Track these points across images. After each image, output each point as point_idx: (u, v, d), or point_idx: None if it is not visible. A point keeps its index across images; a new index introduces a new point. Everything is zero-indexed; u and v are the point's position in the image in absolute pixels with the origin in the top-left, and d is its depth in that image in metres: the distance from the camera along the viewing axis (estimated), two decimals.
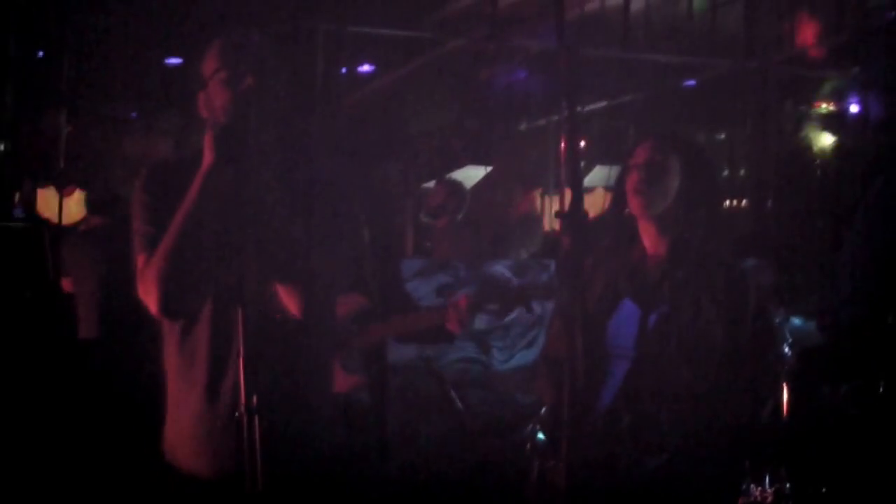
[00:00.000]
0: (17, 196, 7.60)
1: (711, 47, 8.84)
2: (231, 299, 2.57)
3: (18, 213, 6.90)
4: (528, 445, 5.08)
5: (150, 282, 2.74)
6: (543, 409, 4.82)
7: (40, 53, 8.64)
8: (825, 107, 9.26)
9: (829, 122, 9.35)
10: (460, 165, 10.47)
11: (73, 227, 6.48)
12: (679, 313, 3.18)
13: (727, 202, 9.15)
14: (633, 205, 3.33)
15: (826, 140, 9.31)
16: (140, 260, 2.84)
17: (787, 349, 4.67)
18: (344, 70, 8.47)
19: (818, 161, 9.26)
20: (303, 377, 2.86)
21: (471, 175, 10.04)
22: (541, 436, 4.89)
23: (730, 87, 9.30)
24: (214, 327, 2.78)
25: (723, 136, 9.98)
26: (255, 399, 2.51)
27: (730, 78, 9.17)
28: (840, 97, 9.31)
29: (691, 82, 9.82)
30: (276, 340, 2.78)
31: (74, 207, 7.15)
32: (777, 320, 4.68)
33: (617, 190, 3.42)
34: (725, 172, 9.58)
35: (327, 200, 2.95)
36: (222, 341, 2.74)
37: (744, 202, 9.27)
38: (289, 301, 2.80)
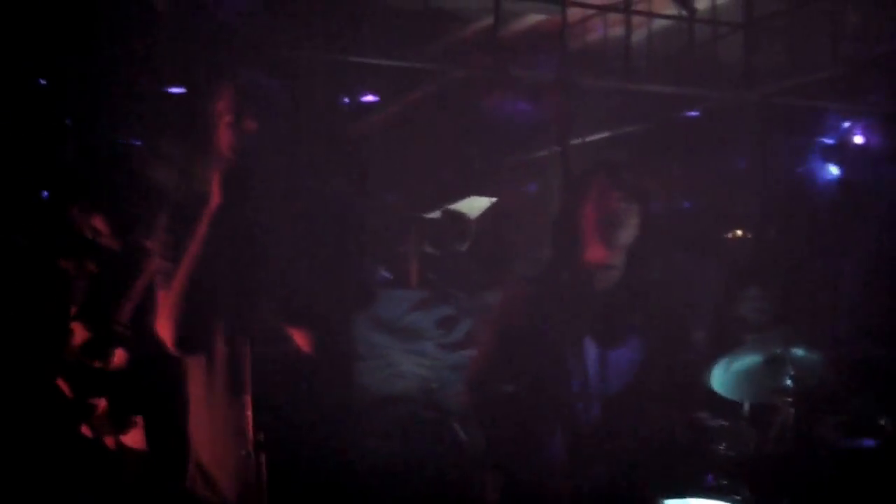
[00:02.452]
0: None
1: (712, 78, 8.87)
2: (241, 336, 2.60)
3: (20, 241, 6.90)
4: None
5: (164, 317, 2.80)
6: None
7: (42, 81, 8.67)
8: (825, 138, 9.28)
9: (829, 153, 9.38)
10: (463, 196, 10.48)
11: None
12: (639, 349, 3.20)
13: (729, 234, 9.17)
14: (594, 247, 3.34)
15: (827, 171, 9.33)
16: (160, 296, 2.89)
17: (788, 381, 4.67)
18: (346, 100, 8.48)
19: (819, 192, 9.27)
20: (313, 413, 2.88)
21: (474, 205, 10.05)
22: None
23: (731, 117, 9.32)
24: (229, 363, 2.82)
25: (724, 166, 9.99)
26: (262, 435, 2.53)
27: (731, 109, 9.20)
28: (840, 128, 9.34)
29: (693, 113, 9.84)
30: (286, 377, 2.81)
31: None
32: (779, 350, 4.69)
33: (569, 223, 3.43)
34: (727, 203, 9.59)
35: (332, 232, 2.99)
36: (235, 377, 2.77)
37: (745, 233, 9.29)
38: (299, 337, 2.83)
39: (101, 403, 4.35)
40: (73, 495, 4.63)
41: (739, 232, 9.39)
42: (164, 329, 2.84)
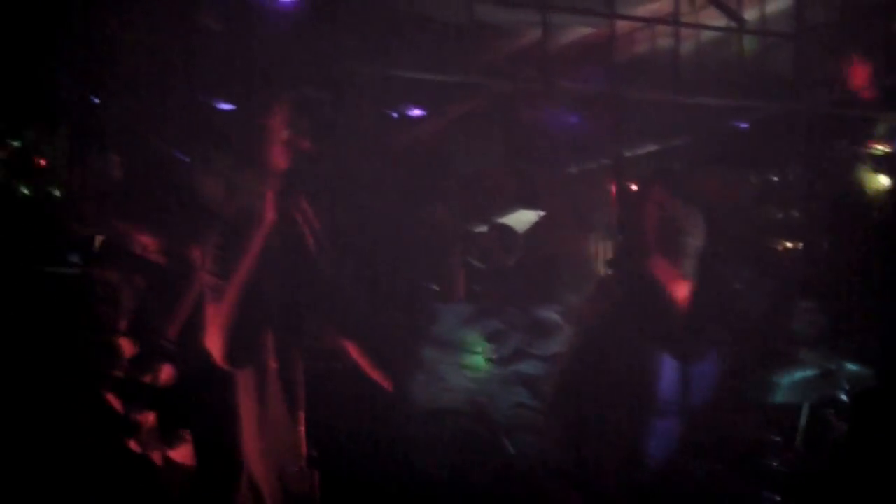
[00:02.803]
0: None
1: (762, 89, 8.80)
2: (293, 352, 2.61)
3: (74, 258, 6.95)
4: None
5: (213, 332, 2.81)
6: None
7: (94, 98, 8.75)
8: (878, 148, 9.18)
9: (882, 163, 9.27)
10: (511, 209, 10.46)
11: None
12: (720, 363, 3.12)
13: (781, 245, 9.09)
14: (661, 257, 3.26)
15: (879, 181, 9.23)
16: (208, 310, 2.90)
17: (842, 394, 4.61)
18: (393, 114, 8.50)
19: (871, 203, 9.17)
20: (365, 428, 2.88)
21: (521, 218, 10.03)
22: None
23: (781, 128, 9.25)
24: (282, 379, 2.82)
25: (775, 177, 9.90)
26: (315, 451, 2.53)
27: (781, 119, 9.12)
28: (892, 138, 9.24)
29: (743, 124, 9.77)
30: (338, 392, 2.82)
31: None
32: (833, 366, 4.63)
33: (634, 239, 3.36)
34: (779, 215, 9.50)
35: (384, 246, 2.99)
36: (289, 393, 2.77)
37: (796, 245, 9.20)
38: (354, 353, 2.83)
39: (150, 418, 4.37)
40: None
41: (790, 244, 9.30)
42: (214, 343, 2.85)
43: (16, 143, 8.37)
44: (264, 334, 2.86)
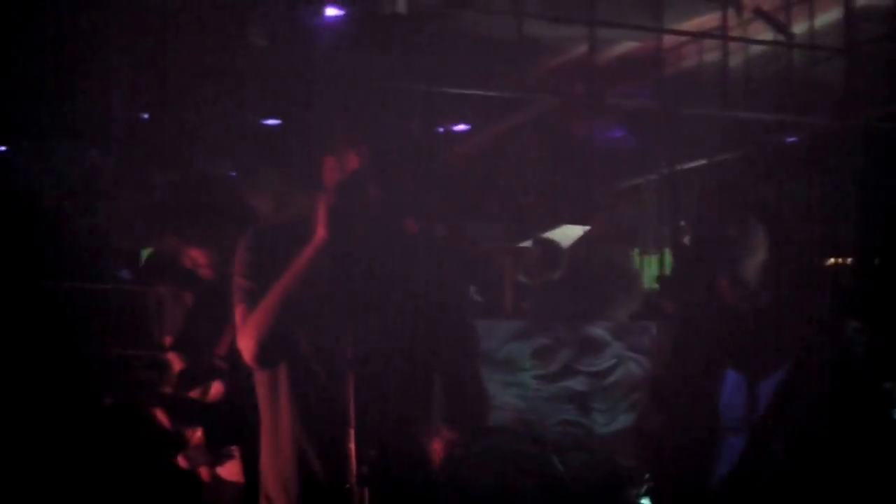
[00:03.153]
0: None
1: (812, 103, 8.74)
2: (341, 366, 2.63)
3: (125, 274, 7.00)
4: None
5: (248, 335, 2.85)
6: (648, 475, 4.73)
7: (145, 116, 8.84)
8: None
9: None
10: (556, 224, 10.42)
11: None
12: (791, 380, 3.05)
13: (830, 261, 9.00)
14: (723, 282, 3.20)
15: None
16: (239, 311, 2.94)
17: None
18: (440, 130, 8.51)
19: None
20: (410, 447, 2.87)
21: (567, 233, 9.99)
22: (645, 502, 4.81)
23: (831, 143, 9.17)
24: (329, 393, 2.83)
25: (824, 192, 9.82)
26: (366, 468, 2.53)
27: (831, 134, 9.05)
28: None
29: (792, 139, 9.70)
30: (388, 408, 2.81)
31: None
32: (887, 385, 4.56)
33: (699, 256, 3.30)
34: (827, 230, 9.41)
35: (430, 264, 2.99)
36: (337, 407, 2.77)
37: (846, 261, 9.11)
38: (399, 367, 2.84)
39: (197, 435, 4.37)
40: None
41: (841, 260, 9.21)
42: (246, 344, 2.91)
43: (66, 159, 8.44)
44: (307, 348, 2.87)
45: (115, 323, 5.30)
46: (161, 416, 4.51)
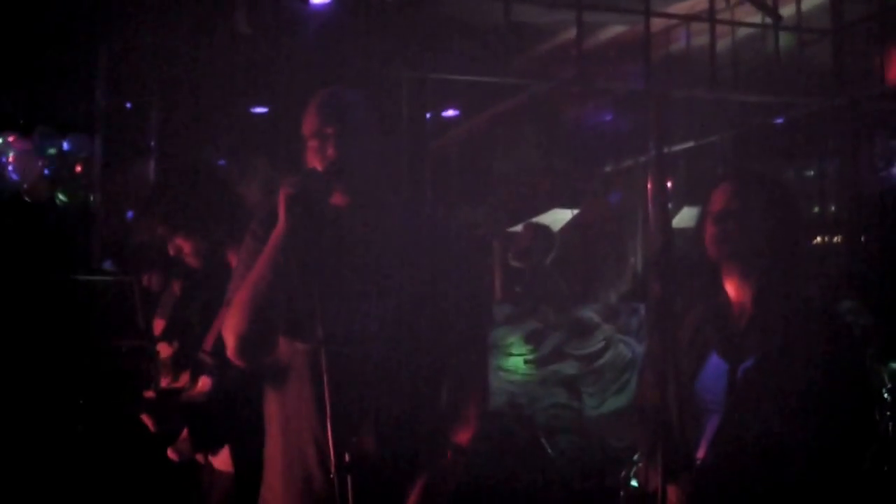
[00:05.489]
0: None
1: (800, 84, 8.73)
2: (318, 351, 2.61)
3: (108, 265, 6.99)
4: (622, 492, 5.01)
5: (228, 325, 2.82)
6: (636, 456, 4.74)
7: (128, 105, 8.82)
8: None
9: None
10: (547, 208, 10.43)
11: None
12: (768, 364, 3.01)
13: (819, 240, 9.01)
14: (713, 253, 3.17)
15: None
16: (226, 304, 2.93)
17: (886, 394, 4.56)
18: (429, 115, 8.49)
19: None
20: (399, 431, 2.85)
21: (558, 218, 10.01)
22: (634, 483, 4.81)
23: (819, 123, 9.17)
24: (309, 379, 2.81)
25: (812, 172, 9.83)
26: (347, 457, 2.51)
27: (819, 114, 9.05)
28: None
29: (780, 120, 9.70)
30: (371, 393, 2.80)
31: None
32: (874, 364, 4.58)
33: (697, 235, 3.27)
34: (816, 210, 9.42)
35: (419, 248, 2.96)
36: (315, 394, 2.76)
37: (836, 240, 9.12)
38: (385, 351, 2.82)
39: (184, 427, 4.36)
40: None
41: (829, 239, 9.23)
42: (228, 335, 2.88)
43: (52, 151, 8.43)
44: (287, 333, 2.85)
45: (99, 313, 5.29)
46: (149, 407, 4.49)
